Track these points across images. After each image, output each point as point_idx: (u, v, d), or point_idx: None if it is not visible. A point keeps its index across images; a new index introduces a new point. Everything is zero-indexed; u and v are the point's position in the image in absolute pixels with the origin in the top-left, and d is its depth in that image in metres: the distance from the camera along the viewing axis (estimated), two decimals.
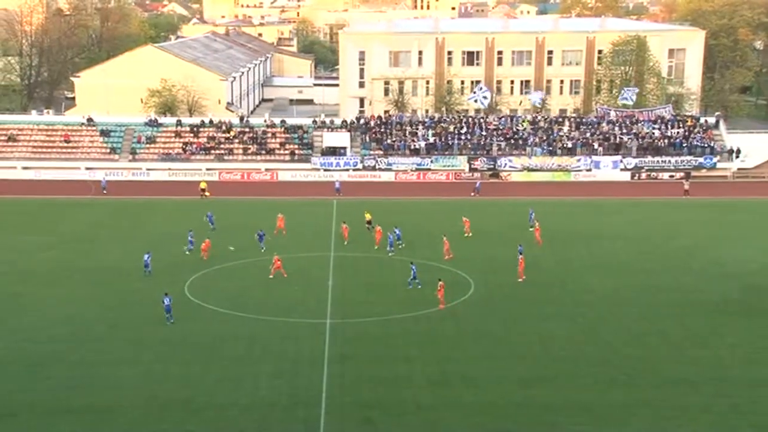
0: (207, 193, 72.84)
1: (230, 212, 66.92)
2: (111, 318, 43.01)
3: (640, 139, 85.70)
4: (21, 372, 36.27)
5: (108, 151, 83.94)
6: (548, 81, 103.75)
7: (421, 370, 37.29)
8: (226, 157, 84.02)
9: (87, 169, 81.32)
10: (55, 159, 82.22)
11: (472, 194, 76.04)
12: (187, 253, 54.16)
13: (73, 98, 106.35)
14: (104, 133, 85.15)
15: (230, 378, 35.85)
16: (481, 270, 51.44)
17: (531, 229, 60.16)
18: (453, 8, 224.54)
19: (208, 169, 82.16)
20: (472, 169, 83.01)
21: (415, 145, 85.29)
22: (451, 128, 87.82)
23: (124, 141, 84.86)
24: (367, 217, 60.16)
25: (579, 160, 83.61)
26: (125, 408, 33.02)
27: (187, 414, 32.65)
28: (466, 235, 59.14)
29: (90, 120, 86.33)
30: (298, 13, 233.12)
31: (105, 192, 74.32)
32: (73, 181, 78.55)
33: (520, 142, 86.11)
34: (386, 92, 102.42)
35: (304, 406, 33.37)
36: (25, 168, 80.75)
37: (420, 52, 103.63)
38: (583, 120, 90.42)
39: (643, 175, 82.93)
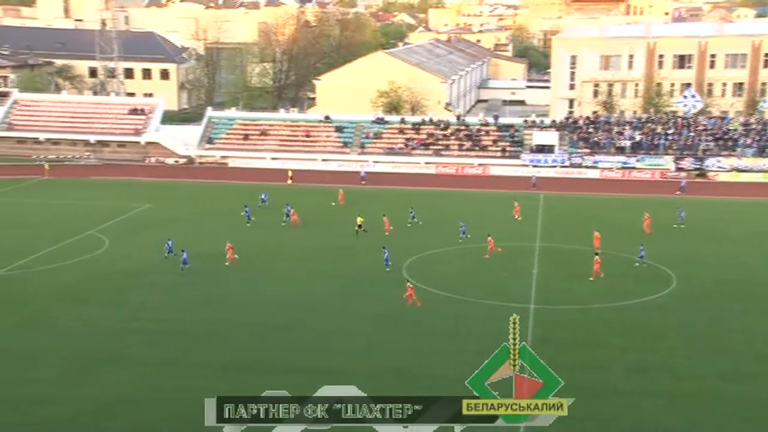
0: (290, 181, 75.13)
1: (443, 203, 67.79)
2: (341, 292, 44.43)
3: None
4: (270, 333, 38.23)
5: (341, 145, 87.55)
6: (763, 83, 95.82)
7: (619, 357, 35.79)
8: (442, 153, 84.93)
9: (323, 160, 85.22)
10: (297, 151, 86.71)
11: (678, 193, 71.80)
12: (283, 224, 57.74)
13: (314, 98, 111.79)
14: (338, 129, 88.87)
15: (440, 352, 36.17)
16: (684, 265, 48.48)
17: (680, 226, 56.84)
18: (666, 13, 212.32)
19: (426, 163, 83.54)
20: (678, 169, 78.35)
21: (620, 144, 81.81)
22: (659, 128, 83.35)
23: (355, 136, 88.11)
24: (359, 221, 56.33)
25: None
26: (351, 373, 33.71)
27: (405, 381, 33.09)
28: (517, 218, 58.16)
29: (327, 117, 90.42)
30: (514, 20, 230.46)
31: (364, 182, 76.70)
32: (313, 171, 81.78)
33: (730, 143, 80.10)
34: (595, 94, 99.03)
35: None
36: (273, 159, 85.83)
37: (630, 56, 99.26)
38: None
39: None
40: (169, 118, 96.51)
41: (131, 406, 30.70)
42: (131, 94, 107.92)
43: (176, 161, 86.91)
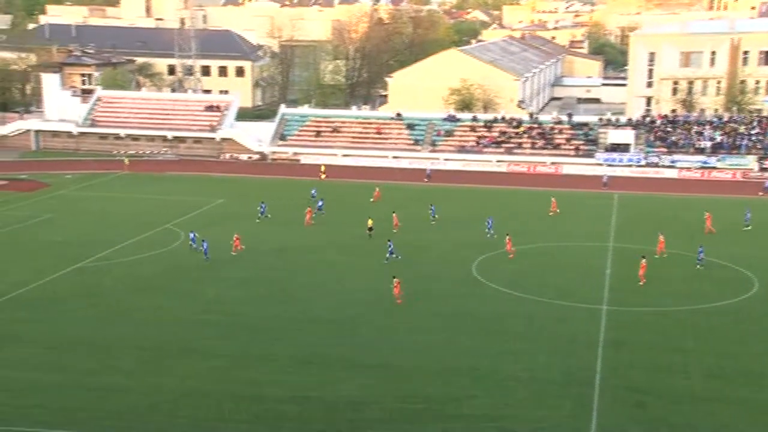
0: (323, 175, 75.81)
1: (517, 200, 67.04)
2: (406, 289, 44.35)
3: None
4: (335, 329, 38.54)
5: (412, 142, 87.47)
6: None
7: (696, 361, 34.69)
8: (514, 151, 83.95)
9: (394, 158, 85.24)
10: (368, 148, 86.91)
11: (760, 194, 69.25)
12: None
13: (386, 96, 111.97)
14: (410, 127, 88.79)
15: (510, 351, 35.74)
16: (766, 268, 46.65)
17: (748, 228, 55.22)
18: (752, 8, 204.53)
19: (497, 161, 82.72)
20: (762, 169, 75.50)
21: (700, 144, 79.31)
22: (741, 128, 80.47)
23: (426, 134, 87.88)
24: (369, 223, 55.17)
25: None
26: (417, 370, 33.83)
27: (472, 381, 32.89)
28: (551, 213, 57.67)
29: (398, 115, 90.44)
30: (590, 17, 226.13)
31: (426, 180, 76.72)
32: (349, 167, 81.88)
33: None
34: (674, 92, 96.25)
35: (577, 384, 32.42)
36: (344, 155, 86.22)
37: (713, 53, 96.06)
38: None
39: None
40: (243, 114, 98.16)
41: (205, 398, 31.29)
42: (207, 92, 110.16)
43: (250, 157, 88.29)
